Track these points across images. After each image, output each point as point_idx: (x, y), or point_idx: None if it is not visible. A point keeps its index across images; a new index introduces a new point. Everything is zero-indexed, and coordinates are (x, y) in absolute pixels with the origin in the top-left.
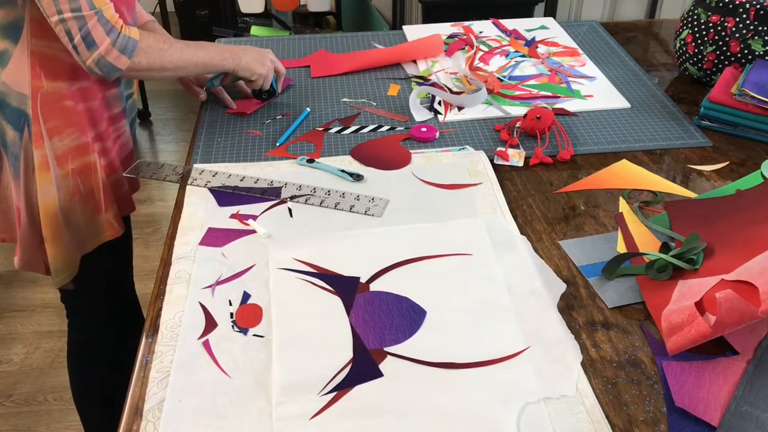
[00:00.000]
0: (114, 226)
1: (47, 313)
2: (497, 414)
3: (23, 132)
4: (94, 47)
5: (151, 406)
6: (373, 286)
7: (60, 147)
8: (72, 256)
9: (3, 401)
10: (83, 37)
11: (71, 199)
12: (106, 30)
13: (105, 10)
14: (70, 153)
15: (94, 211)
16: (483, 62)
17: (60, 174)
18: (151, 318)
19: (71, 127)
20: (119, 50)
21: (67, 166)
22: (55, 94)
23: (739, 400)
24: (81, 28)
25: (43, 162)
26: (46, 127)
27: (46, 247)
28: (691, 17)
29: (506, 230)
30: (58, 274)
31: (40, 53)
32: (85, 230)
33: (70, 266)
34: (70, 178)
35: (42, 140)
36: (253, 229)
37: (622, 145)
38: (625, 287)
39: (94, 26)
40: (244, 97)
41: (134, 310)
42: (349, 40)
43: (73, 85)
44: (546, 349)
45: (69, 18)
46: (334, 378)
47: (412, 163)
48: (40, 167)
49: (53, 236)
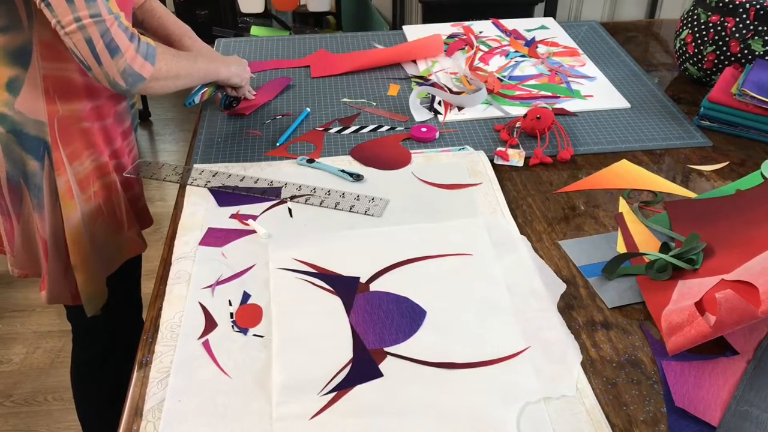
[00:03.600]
0: (137, 242)
1: (47, 313)
2: (497, 414)
3: (44, 161)
4: (119, 54)
5: (151, 406)
6: (373, 286)
7: (81, 171)
8: (100, 279)
9: (3, 401)
10: (107, 43)
11: (95, 221)
12: (128, 36)
13: (122, 15)
14: (91, 175)
15: (117, 230)
16: (483, 62)
17: (83, 198)
18: (151, 318)
19: (90, 149)
20: (143, 56)
21: (89, 190)
22: (71, 117)
23: (739, 400)
24: (103, 34)
25: (67, 189)
26: (66, 152)
27: (76, 275)
28: (691, 17)
29: (506, 230)
30: (89, 302)
31: (52, 77)
32: (110, 250)
33: (100, 291)
34: (92, 200)
35: (63, 167)
36: (253, 229)
37: (622, 145)
38: (625, 287)
39: (116, 32)
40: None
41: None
42: (349, 40)
43: (87, 105)
44: (546, 349)
45: (89, 24)
46: (334, 378)
47: (412, 163)
48: (64, 195)
49: (82, 263)
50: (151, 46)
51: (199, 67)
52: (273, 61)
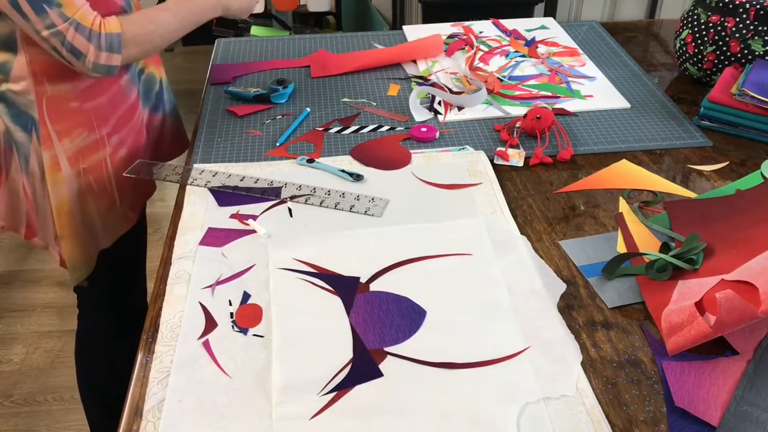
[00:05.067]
0: (129, 217)
1: (47, 313)
2: (497, 414)
3: (31, 134)
4: (82, 56)
5: (151, 406)
6: (373, 286)
7: (71, 148)
8: (88, 252)
9: (3, 401)
10: (69, 50)
11: (85, 196)
12: (86, 36)
13: (79, 15)
14: (81, 153)
15: (108, 206)
16: (483, 62)
17: (72, 173)
18: (151, 318)
19: (80, 128)
20: (107, 51)
21: (78, 166)
22: (59, 97)
23: (739, 400)
24: (63, 41)
25: (54, 162)
26: (55, 129)
27: (62, 243)
28: (691, 17)
29: (506, 230)
30: (74, 271)
31: (38, 60)
32: (101, 226)
33: (87, 262)
34: (82, 176)
35: (51, 142)
36: (253, 229)
37: (622, 145)
38: (625, 287)
39: (74, 37)
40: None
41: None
42: (349, 40)
43: (77, 86)
44: (546, 349)
45: (48, 36)
46: (334, 378)
47: (412, 163)
48: (51, 167)
49: (68, 234)
50: (115, 34)
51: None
52: (273, 61)
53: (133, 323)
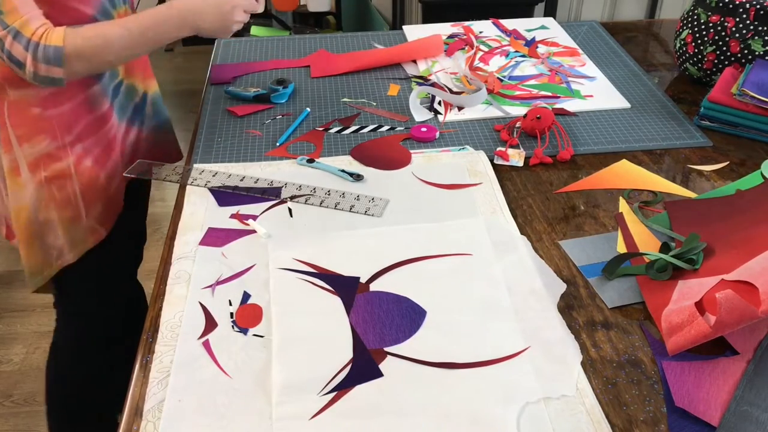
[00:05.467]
0: (97, 230)
1: (47, 313)
2: (497, 414)
3: None
4: (22, 66)
5: (151, 406)
6: (373, 286)
7: (31, 153)
8: (47, 261)
9: (3, 401)
10: (8, 57)
11: (46, 205)
12: (24, 46)
13: (19, 24)
14: (42, 160)
15: (73, 217)
16: (483, 62)
17: (33, 181)
18: (151, 318)
19: (41, 134)
20: (44, 63)
21: (40, 173)
22: (21, 102)
23: (739, 400)
24: (2, 49)
25: (14, 167)
26: (15, 133)
27: (20, 248)
28: (691, 17)
29: (506, 230)
30: (32, 277)
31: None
32: (64, 237)
33: (44, 271)
34: (44, 184)
35: (11, 145)
36: (253, 229)
37: (622, 145)
38: (625, 287)
39: (12, 45)
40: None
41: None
42: (349, 40)
43: (39, 93)
44: (546, 349)
45: None
46: (334, 378)
47: (412, 163)
48: (10, 171)
49: (26, 240)
50: (55, 47)
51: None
52: (273, 61)
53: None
